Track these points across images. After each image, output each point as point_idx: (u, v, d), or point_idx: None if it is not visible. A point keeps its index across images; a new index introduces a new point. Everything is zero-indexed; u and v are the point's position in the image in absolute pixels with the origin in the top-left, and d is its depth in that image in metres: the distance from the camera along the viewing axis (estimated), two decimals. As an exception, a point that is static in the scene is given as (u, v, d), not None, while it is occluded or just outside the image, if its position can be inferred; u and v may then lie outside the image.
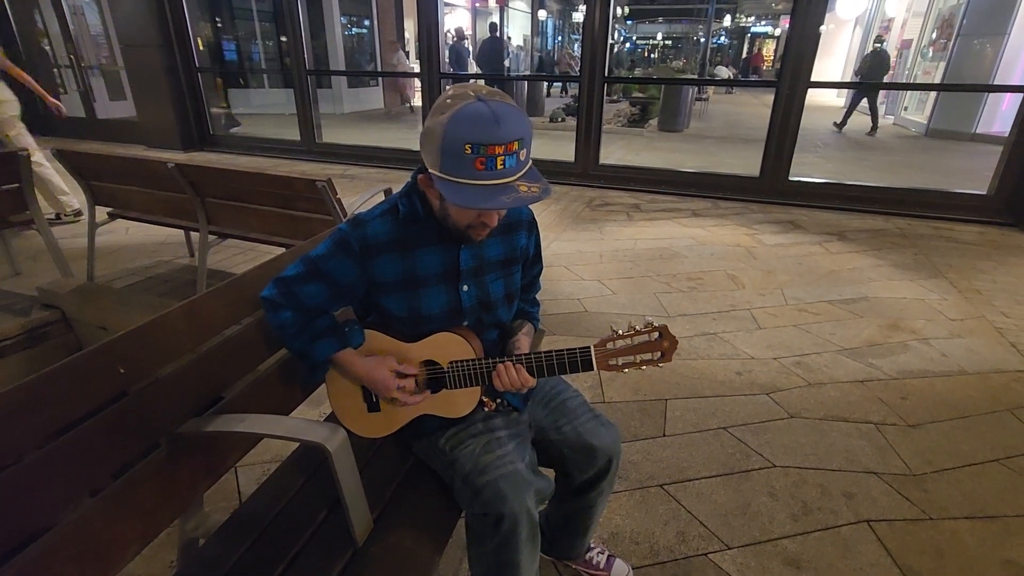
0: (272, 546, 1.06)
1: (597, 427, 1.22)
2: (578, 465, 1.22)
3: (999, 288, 3.31)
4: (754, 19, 28.14)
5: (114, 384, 0.94)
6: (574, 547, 1.42)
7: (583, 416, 1.23)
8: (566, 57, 15.83)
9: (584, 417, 1.23)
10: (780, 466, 1.86)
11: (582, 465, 1.22)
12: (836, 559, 1.52)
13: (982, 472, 1.85)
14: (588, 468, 1.22)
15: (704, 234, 4.27)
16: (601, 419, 1.24)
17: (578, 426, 1.21)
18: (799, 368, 2.44)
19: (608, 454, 1.22)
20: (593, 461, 1.21)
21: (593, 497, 1.28)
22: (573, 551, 1.43)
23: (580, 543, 1.41)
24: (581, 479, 1.25)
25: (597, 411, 1.26)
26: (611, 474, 1.26)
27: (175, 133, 7.16)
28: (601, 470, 1.23)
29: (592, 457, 1.21)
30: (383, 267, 1.08)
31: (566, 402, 1.25)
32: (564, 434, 1.21)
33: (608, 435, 1.22)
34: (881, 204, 4.86)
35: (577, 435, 1.20)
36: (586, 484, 1.26)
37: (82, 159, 2.92)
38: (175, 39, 6.78)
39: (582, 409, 1.25)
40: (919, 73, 11.16)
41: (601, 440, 1.20)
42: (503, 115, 0.88)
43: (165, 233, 3.94)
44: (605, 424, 1.24)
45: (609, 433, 1.23)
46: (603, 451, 1.21)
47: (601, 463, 1.22)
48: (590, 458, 1.21)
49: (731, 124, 11.55)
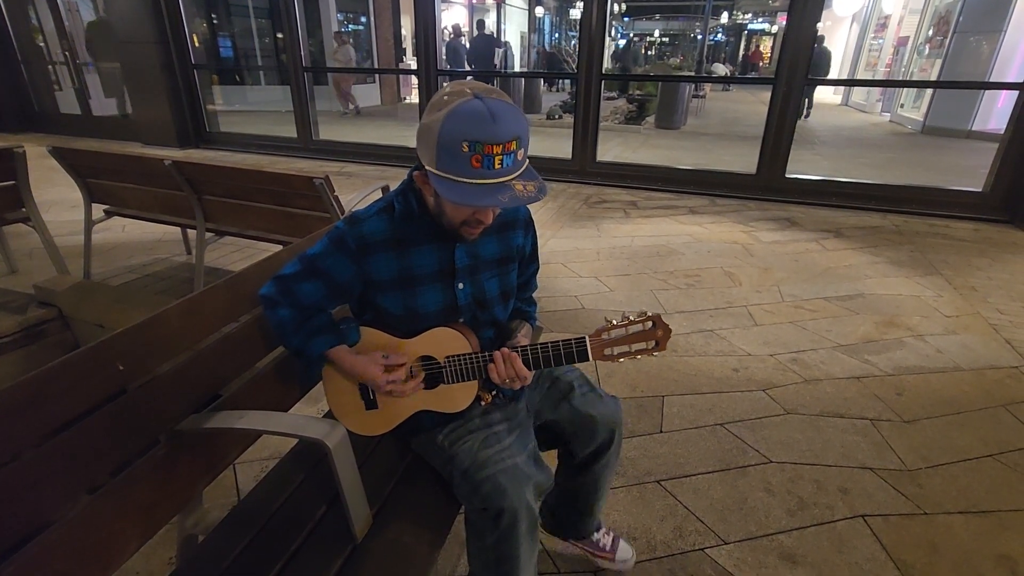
0: (271, 542, 1.06)
1: (595, 399, 1.22)
2: (580, 439, 1.22)
3: (994, 285, 3.33)
4: (751, 16, 28.13)
5: (113, 381, 0.94)
6: (582, 525, 1.41)
7: (579, 389, 1.23)
8: (562, 54, 15.80)
9: (581, 390, 1.23)
10: (776, 462, 1.87)
11: (584, 438, 1.22)
12: (832, 554, 1.53)
13: (976, 467, 1.87)
14: (590, 441, 1.23)
15: (701, 231, 4.28)
16: (599, 391, 1.25)
17: (575, 399, 1.21)
18: (795, 364, 2.46)
19: (610, 425, 1.22)
20: (594, 433, 1.22)
21: (598, 470, 1.28)
22: (581, 530, 1.43)
23: (588, 521, 1.41)
24: (584, 453, 1.25)
25: (594, 384, 1.26)
26: (615, 445, 1.26)
27: (171, 130, 7.13)
28: (604, 442, 1.23)
29: (593, 429, 1.21)
30: (379, 265, 1.09)
31: (560, 378, 1.25)
32: (562, 411, 1.21)
33: (607, 405, 1.22)
34: (877, 201, 4.88)
35: (574, 408, 1.20)
36: (590, 457, 1.26)
37: (78, 156, 2.91)
38: (171, 35, 6.76)
39: (579, 382, 1.25)
40: (915, 70, 11.18)
41: (599, 410, 1.20)
42: (501, 114, 0.87)
43: (162, 231, 3.93)
44: (602, 395, 1.24)
45: (608, 404, 1.23)
46: (603, 421, 1.21)
47: (603, 435, 1.22)
48: (591, 430, 1.21)
49: (728, 121, 11.54)
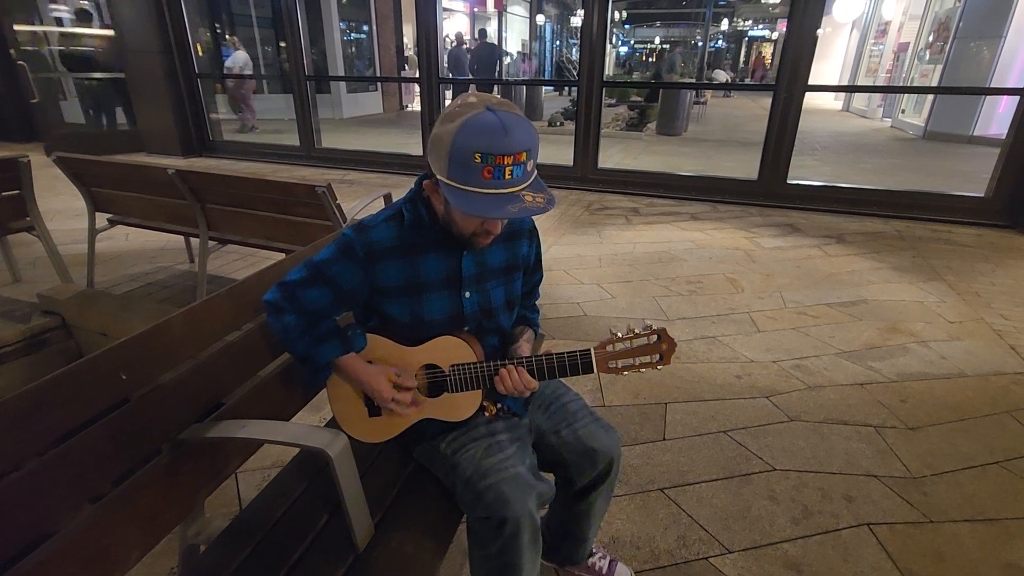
0: (273, 552, 1.06)
1: (597, 430, 1.22)
2: (579, 468, 1.22)
3: (997, 290, 3.32)
4: (751, 23, 28.27)
5: (116, 391, 0.94)
6: (577, 552, 1.41)
7: (583, 419, 1.23)
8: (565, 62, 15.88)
9: (584, 420, 1.23)
10: (780, 469, 1.86)
11: (583, 468, 1.22)
12: (837, 563, 1.52)
13: (982, 475, 1.85)
14: (589, 471, 1.23)
15: (703, 237, 4.28)
16: (601, 422, 1.25)
17: (578, 429, 1.21)
18: (798, 371, 2.45)
19: (608, 457, 1.22)
20: (593, 464, 1.22)
21: (594, 499, 1.28)
22: (576, 556, 1.42)
23: (582, 547, 1.41)
24: (582, 483, 1.25)
25: (597, 414, 1.27)
26: (612, 477, 1.26)
27: (175, 139, 7.18)
28: (601, 473, 1.24)
29: (592, 460, 1.21)
30: (386, 272, 1.09)
31: (566, 405, 1.26)
32: (564, 438, 1.21)
33: (608, 438, 1.22)
34: (879, 207, 4.88)
35: (577, 438, 1.20)
36: (587, 487, 1.26)
37: (82, 165, 2.93)
38: (175, 45, 6.82)
39: (582, 412, 1.25)
40: (916, 76, 11.20)
41: (601, 443, 1.20)
42: (512, 126, 0.89)
43: (165, 239, 3.95)
44: (605, 427, 1.24)
45: (609, 436, 1.23)
46: (603, 454, 1.21)
47: (601, 466, 1.22)
48: (590, 461, 1.21)
49: (729, 128, 11.57)
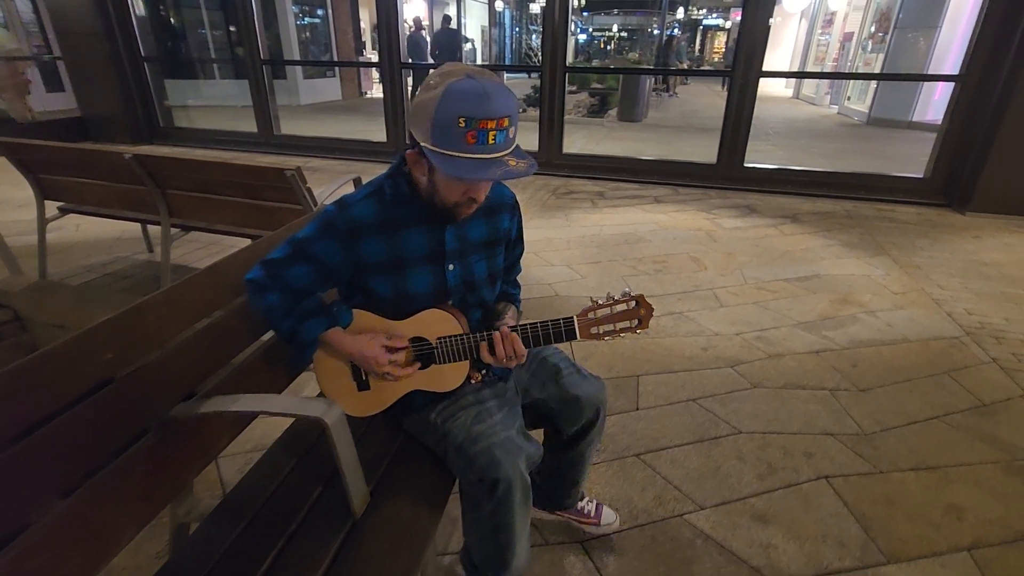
0: (269, 525, 1.07)
1: (580, 379, 1.27)
2: (566, 418, 1.28)
3: (936, 263, 3.57)
4: (705, 12, 28.79)
5: (100, 370, 0.93)
6: (568, 497, 1.48)
7: (565, 370, 1.28)
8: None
9: (567, 371, 1.28)
10: (746, 432, 1.98)
11: (570, 417, 1.27)
12: (799, 512, 1.64)
13: (925, 429, 2.02)
14: (576, 419, 1.28)
15: (666, 219, 4.41)
16: (583, 372, 1.30)
17: (561, 380, 1.26)
18: (759, 342, 2.58)
19: (594, 404, 1.27)
20: (580, 412, 1.27)
21: (583, 447, 1.34)
22: (567, 501, 1.49)
23: (573, 493, 1.47)
24: (571, 431, 1.30)
25: (580, 366, 1.32)
26: (599, 423, 1.32)
27: (123, 126, 6.83)
28: (589, 420, 1.29)
29: (578, 408, 1.26)
30: (369, 248, 1.10)
31: (547, 359, 1.30)
32: (549, 391, 1.26)
33: (591, 386, 1.28)
34: (829, 188, 5.12)
35: (561, 389, 1.25)
36: (576, 435, 1.32)
37: (29, 151, 2.77)
38: (117, 26, 6.45)
39: (564, 364, 1.30)
40: (860, 64, 11.71)
41: (584, 391, 1.26)
42: (494, 92, 0.91)
43: (120, 228, 3.78)
44: (587, 376, 1.29)
45: (592, 384, 1.28)
46: (588, 401, 1.26)
47: (588, 413, 1.28)
48: (577, 409, 1.26)
49: (687, 114, 11.83)
